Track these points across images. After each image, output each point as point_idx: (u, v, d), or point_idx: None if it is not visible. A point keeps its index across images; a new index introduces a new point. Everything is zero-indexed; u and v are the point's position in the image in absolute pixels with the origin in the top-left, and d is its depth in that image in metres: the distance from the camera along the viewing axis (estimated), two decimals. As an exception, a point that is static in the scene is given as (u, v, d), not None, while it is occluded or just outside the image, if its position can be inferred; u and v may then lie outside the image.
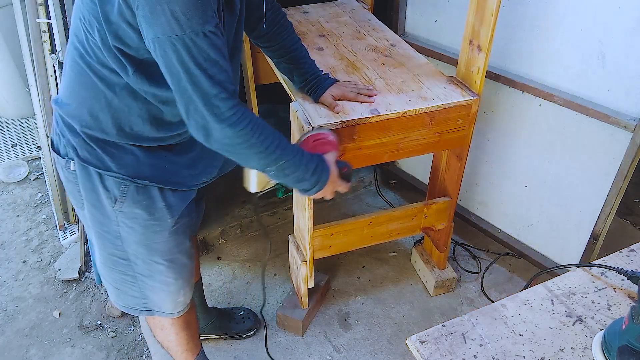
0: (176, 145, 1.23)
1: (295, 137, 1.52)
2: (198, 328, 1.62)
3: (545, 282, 1.06)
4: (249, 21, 1.34)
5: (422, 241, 2.13)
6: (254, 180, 1.30)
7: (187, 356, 1.55)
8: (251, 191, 1.33)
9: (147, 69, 1.03)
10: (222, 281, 2.13)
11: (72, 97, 1.13)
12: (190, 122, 1.02)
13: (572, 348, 0.92)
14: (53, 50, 2.06)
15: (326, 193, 1.24)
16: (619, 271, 1.00)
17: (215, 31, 0.97)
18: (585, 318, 0.98)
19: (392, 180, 2.61)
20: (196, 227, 1.50)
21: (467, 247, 2.23)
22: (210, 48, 0.96)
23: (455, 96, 1.52)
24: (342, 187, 1.28)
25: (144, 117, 1.12)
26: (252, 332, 1.90)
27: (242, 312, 1.93)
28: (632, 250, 1.12)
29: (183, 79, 0.97)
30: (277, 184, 1.29)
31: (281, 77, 1.63)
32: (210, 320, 1.84)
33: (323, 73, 1.50)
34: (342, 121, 1.40)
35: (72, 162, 1.17)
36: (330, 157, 1.25)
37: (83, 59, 1.07)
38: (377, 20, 2.02)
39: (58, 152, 1.20)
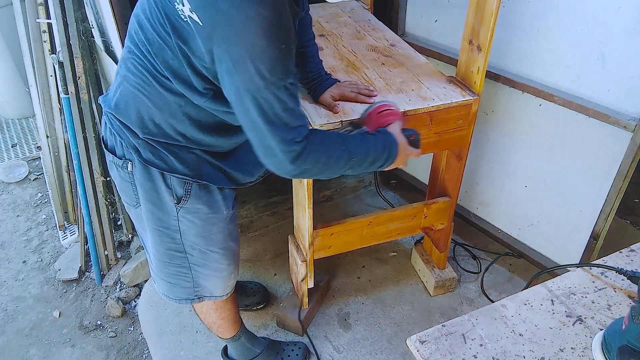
0: (232, 149, 1.29)
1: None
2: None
3: (545, 282, 1.06)
4: None
5: (422, 241, 2.13)
6: None
7: (236, 327, 1.66)
8: None
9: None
10: (222, 281, 2.13)
11: (132, 104, 1.14)
12: (266, 161, 1.06)
13: (572, 348, 0.92)
14: (53, 50, 2.06)
15: (399, 163, 1.26)
16: (619, 271, 1.00)
17: (294, 81, 1.00)
18: (585, 318, 0.98)
19: (392, 180, 2.61)
20: None
21: (467, 247, 2.23)
22: (289, 98, 1.00)
23: (455, 96, 1.52)
24: (414, 154, 1.30)
25: (206, 128, 1.16)
26: (261, 306, 1.96)
27: (254, 285, 2.00)
28: (632, 250, 1.12)
29: (262, 128, 1.00)
30: None
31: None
32: None
33: (325, 74, 1.51)
34: (341, 121, 1.40)
35: (130, 163, 1.20)
36: (396, 127, 1.27)
37: (149, 72, 1.09)
38: (377, 20, 2.01)
39: (113, 152, 1.23)
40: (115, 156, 1.22)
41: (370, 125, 1.31)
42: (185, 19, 0.96)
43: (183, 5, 0.95)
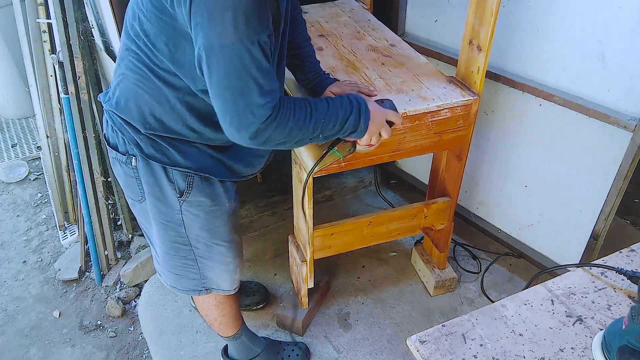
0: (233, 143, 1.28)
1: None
2: None
3: (545, 282, 1.06)
4: None
5: (422, 241, 2.13)
6: (307, 156, 1.37)
7: (237, 325, 1.66)
8: (309, 168, 1.38)
9: None
10: (222, 281, 2.13)
11: (133, 100, 1.16)
12: (231, 127, 1.02)
13: (572, 348, 0.92)
14: (53, 50, 2.06)
15: (378, 127, 1.23)
16: (619, 271, 1.00)
17: (268, 41, 0.99)
18: (585, 318, 0.98)
19: (392, 180, 2.61)
20: None
21: (467, 247, 2.23)
22: (263, 57, 0.98)
23: (455, 96, 1.52)
24: (393, 117, 1.28)
25: (205, 119, 1.16)
26: (261, 306, 1.97)
27: (254, 285, 2.00)
28: (632, 250, 1.12)
29: (233, 88, 0.97)
30: (329, 147, 1.32)
31: (281, 77, 1.63)
32: None
33: (324, 73, 1.51)
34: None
35: (133, 158, 1.21)
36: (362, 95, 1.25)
37: (147, 66, 1.10)
38: (377, 20, 2.01)
39: (116, 149, 1.24)
40: (119, 152, 1.24)
41: None
42: None
43: None
